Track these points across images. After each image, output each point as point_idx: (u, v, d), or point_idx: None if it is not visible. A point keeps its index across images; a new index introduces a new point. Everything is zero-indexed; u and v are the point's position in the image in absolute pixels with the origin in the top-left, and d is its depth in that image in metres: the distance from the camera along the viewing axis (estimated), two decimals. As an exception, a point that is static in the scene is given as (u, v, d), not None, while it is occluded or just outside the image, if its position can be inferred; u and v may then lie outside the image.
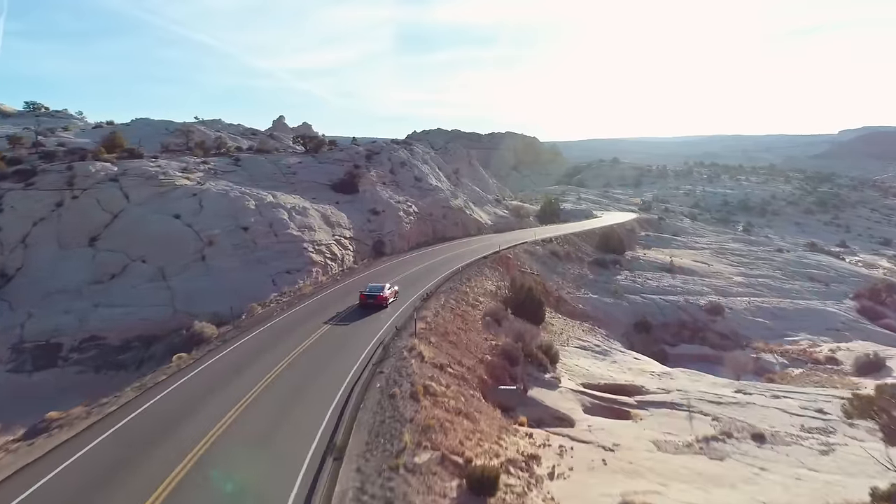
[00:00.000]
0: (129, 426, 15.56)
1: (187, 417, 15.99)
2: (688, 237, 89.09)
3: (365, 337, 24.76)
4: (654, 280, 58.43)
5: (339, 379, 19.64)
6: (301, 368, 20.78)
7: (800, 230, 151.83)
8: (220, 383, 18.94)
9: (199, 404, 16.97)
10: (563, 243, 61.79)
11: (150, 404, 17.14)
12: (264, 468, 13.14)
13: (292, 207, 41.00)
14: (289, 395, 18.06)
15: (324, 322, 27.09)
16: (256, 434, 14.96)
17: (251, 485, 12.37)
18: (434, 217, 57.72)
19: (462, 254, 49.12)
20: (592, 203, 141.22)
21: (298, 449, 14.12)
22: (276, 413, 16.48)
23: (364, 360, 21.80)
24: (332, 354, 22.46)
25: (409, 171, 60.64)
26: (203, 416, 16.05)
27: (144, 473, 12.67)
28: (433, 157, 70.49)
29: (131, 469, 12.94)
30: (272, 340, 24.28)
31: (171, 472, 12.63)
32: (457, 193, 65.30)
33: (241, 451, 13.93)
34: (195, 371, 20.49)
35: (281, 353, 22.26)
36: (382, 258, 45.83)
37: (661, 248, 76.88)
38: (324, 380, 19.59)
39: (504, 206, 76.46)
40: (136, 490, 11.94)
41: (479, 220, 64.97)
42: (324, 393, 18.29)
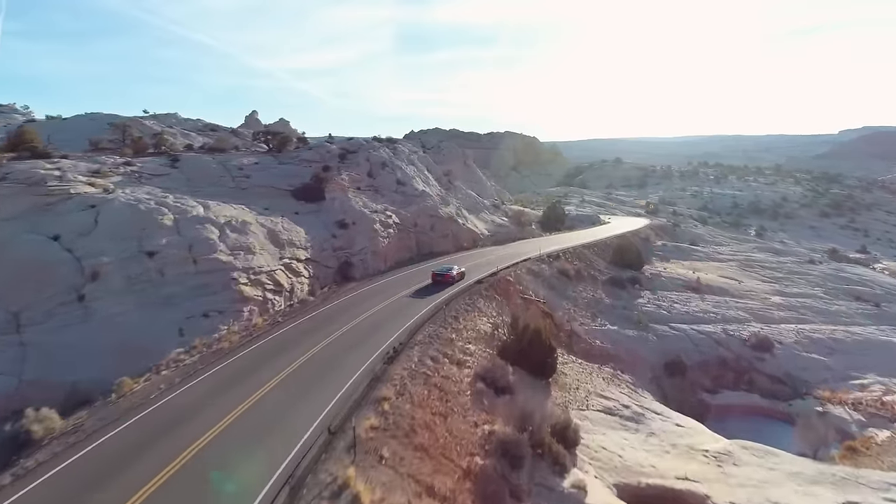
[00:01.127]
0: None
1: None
2: (707, 246, 79.06)
3: (273, 454, 14.74)
4: (682, 303, 48.46)
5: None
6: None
7: (815, 234, 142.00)
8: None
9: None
10: (573, 259, 51.81)
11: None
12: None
13: (228, 222, 31.00)
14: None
15: (233, 409, 17.17)
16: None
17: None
18: (419, 228, 47.72)
19: (451, 276, 39.32)
20: (597, 206, 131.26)
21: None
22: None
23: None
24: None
25: (391, 174, 50.62)
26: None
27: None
28: (421, 158, 60.51)
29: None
30: (125, 457, 14.36)
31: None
32: (448, 199, 55.26)
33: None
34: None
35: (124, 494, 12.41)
36: (350, 284, 35.86)
37: (681, 259, 66.93)
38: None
39: (503, 213, 66.51)
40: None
41: (474, 231, 54.95)
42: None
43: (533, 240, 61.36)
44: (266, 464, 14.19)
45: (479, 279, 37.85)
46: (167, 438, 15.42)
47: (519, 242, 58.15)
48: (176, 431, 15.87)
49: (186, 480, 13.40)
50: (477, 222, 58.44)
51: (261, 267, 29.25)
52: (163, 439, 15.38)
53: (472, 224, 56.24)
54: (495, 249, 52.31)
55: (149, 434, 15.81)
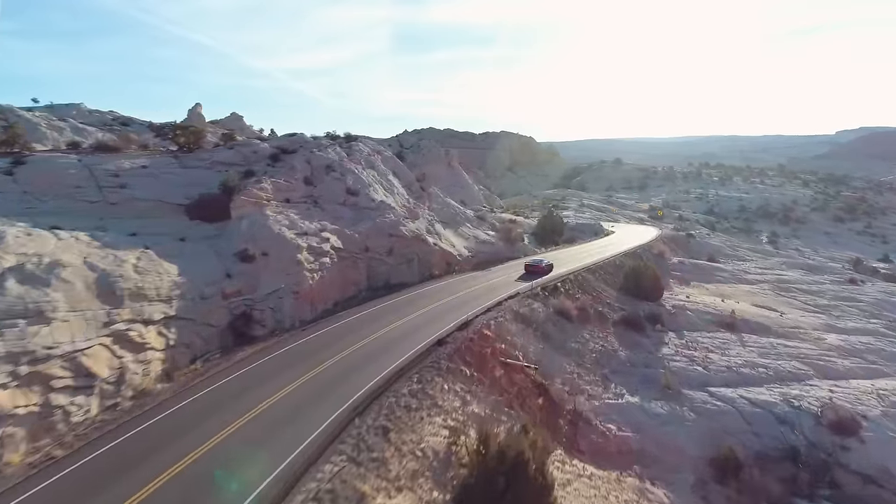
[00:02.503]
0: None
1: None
2: (729, 262, 66.75)
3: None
4: (719, 350, 36.11)
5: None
6: None
7: (831, 241, 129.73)
8: None
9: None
10: (576, 289, 39.42)
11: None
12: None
13: (19, 266, 18.59)
14: None
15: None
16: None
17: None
18: (373, 253, 35.28)
19: (404, 328, 26.94)
20: (597, 210, 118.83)
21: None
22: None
23: None
24: None
25: (339, 181, 38.15)
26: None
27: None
28: (387, 160, 47.99)
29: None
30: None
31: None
32: (417, 212, 42.81)
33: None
34: None
35: None
36: (246, 349, 23.44)
37: (703, 281, 54.62)
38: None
39: (490, 225, 53.99)
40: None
41: (450, 252, 42.51)
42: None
43: (524, 260, 48.93)
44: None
45: (441, 338, 25.47)
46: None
47: (507, 265, 45.74)
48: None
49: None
50: (455, 240, 45.97)
51: (51, 347, 16.85)
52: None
53: (448, 243, 43.78)
54: (475, 277, 39.90)
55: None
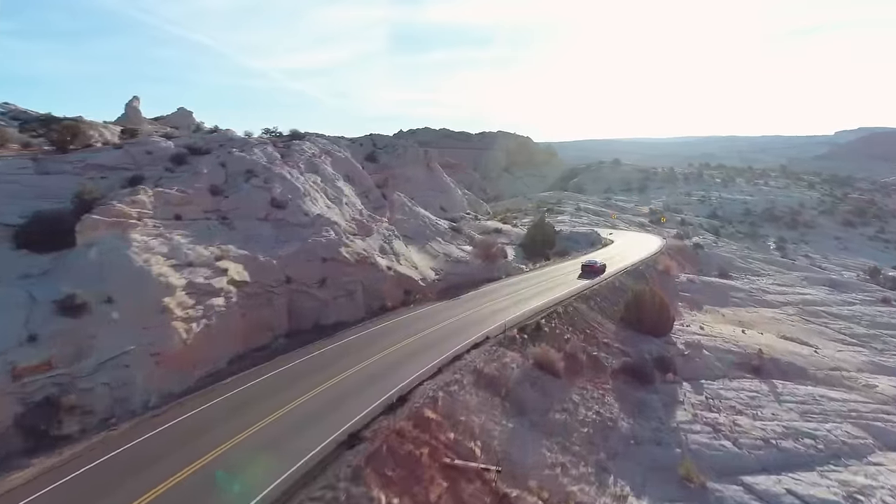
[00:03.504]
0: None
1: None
2: (743, 277, 57.94)
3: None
4: (749, 409, 27.31)
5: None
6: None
7: (842, 247, 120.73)
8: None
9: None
10: (564, 326, 30.58)
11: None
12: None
13: None
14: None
15: None
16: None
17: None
18: (298, 285, 26.48)
19: (308, 409, 18.12)
20: (594, 215, 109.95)
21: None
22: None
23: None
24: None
25: (262, 190, 29.33)
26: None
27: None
28: (339, 162, 39.15)
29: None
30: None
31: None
32: (371, 227, 34.04)
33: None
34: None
35: None
36: (27, 464, 14.81)
37: (718, 305, 45.82)
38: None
39: (466, 238, 45.07)
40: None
41: (410, 276, 33.72)
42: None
43: (506, 282, 40.18)
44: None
45: (357, 431, 16.73)
46: None
47: (483, 291, 36.97)
48: None
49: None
50: (419, 259, 37.15)
51: None
52: None
53: (409, 264, 34.97)
54: (437, 311, 31.07)
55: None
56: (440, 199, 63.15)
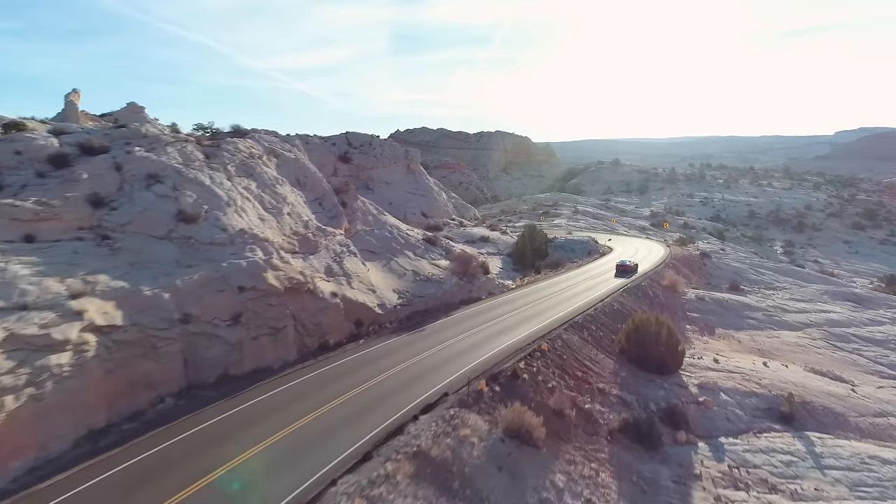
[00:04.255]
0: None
1: None
2: (757, 292, 51.37)
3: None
4: (784, 484, 20.87)
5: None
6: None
7: (852, 251, 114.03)
8: None
9: None
10: (550, 368, 24.13)
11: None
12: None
13: None
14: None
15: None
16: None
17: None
18: (199, 324, 20.03)
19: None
20: (593, 218, 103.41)
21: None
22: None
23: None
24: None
25: (168, 200, 22.91)
26: None
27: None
28: (288, 164, 32.67)
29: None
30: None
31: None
32: (318, 243, 27.66)
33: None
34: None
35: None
36: None
37: (732, 327, 39.31)
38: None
39: (442, 251, 38.53)
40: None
41: (363, 303, 27.29)
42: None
43: (487, 304, 33.71)
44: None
45: None
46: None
47: (456, 317, 30.47)
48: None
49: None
50: (380, 279, 30.70)
51: None
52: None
53: (364, 287, 28.52)
54: (388, 351, 24.53)
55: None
56: (421, 203, 56.73)
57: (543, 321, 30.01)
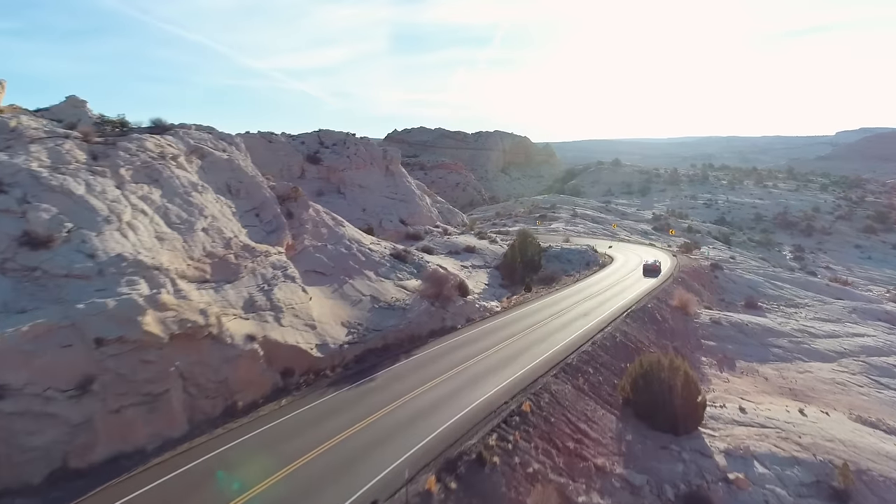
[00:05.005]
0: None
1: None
2: (776, 309, 44.95)
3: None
4: None
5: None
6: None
7: (864, 257, 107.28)
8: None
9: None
10: (533, 435, 17.79)
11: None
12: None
13: None
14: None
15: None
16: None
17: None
18: (18, 401, 13.80)
19: None
20: (592, 222, 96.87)
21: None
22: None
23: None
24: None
25: (12, 217, 16.72)
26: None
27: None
28: (217, 166, 26.38)
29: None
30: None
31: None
32: (239, 266, 21.31)
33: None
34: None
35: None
36: None
37: (756, 358, 32.90)
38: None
39: (413, 268, 32.13)
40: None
41: (293, 346, 20.93)
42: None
43: (463, 336, 27.33)
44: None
45: None
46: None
47: (419, 358, 24.07)
48: None
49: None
50: (326, 309, 24.33)
51: None
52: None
53: (300, 322, 22.18)
54: (317, 417, 17.96)
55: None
56: (401, 209, 50.45)
57: (529, 363, 23.66)
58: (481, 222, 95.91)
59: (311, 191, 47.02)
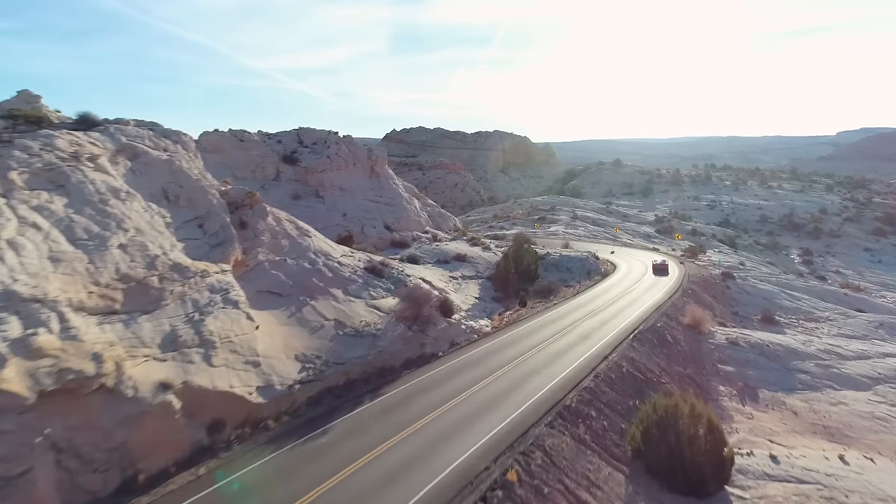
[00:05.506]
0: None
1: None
2: (795, 324, 40.75)
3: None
4: None
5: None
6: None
7: (875, 260, 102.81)
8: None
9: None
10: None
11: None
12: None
13: None
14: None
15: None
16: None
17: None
18: None
19: None
20: (593, 224, 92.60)
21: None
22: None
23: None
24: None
25: None
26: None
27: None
28: (154, 166, 22.30)
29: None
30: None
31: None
32: (161, 291, 17.15)
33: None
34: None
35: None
36: None
37: (781, 387, 28.62)
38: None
39: (390, 283, 27.97)
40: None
41: (224, 392, 16.74)
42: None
43: (444, 367, 23.11)
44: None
45: None
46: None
47: (384, 402, 19.92)
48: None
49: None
50: (273, 342, 20.15)
51: None
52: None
53: (237, 360, 18.01)
54: (241, 494, 14.13)
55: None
56: (386, 213, 46.28)
57: (519, 405, 19.49)
58: (478, 224, 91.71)
59: (286, 194, 42.85)
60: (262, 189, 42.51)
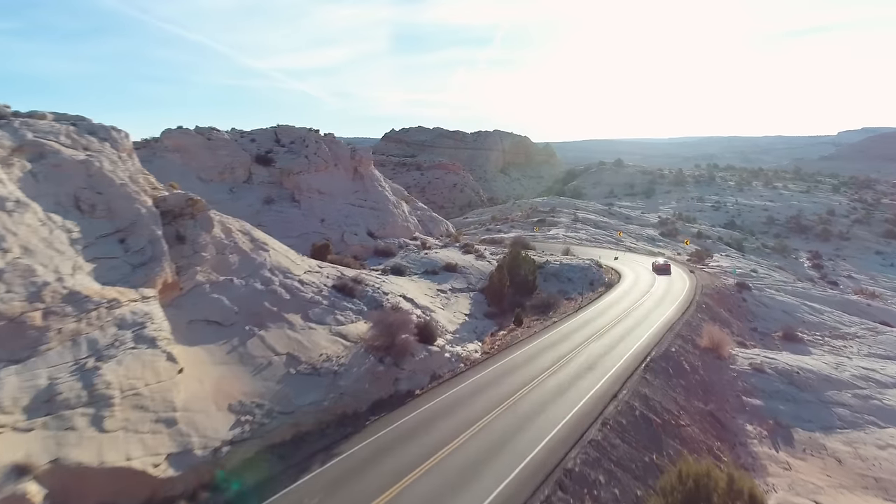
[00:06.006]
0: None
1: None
2: (820, 341, 36.48)
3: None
4: None
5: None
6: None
7: (887, 264, 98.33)
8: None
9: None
10: None
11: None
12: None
13: None
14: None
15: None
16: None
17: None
18: None
19: None
20: (594, 227, 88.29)
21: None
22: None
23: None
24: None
25: None
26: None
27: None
28: (65, 170, 18.27)
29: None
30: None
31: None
32: (48, 328, 12.98)
33: None
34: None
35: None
36: None
37: (816, 426, 24.40)
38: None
39: (364, 304, 23.88)
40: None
41: (126, 468, 12.54)
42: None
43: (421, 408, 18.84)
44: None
45: None
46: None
47: (337, 466, 15.64)
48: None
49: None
50: (202, 388, 16.01)
51: None
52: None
53: (144, 418, 13.91)
54: None
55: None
56: (370, 219, 42.08)
57: (508, 472, 15.25)
58: (475, 227, 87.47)
59: (258, 199, 38.66)
60: (230, 193, 38.34)
